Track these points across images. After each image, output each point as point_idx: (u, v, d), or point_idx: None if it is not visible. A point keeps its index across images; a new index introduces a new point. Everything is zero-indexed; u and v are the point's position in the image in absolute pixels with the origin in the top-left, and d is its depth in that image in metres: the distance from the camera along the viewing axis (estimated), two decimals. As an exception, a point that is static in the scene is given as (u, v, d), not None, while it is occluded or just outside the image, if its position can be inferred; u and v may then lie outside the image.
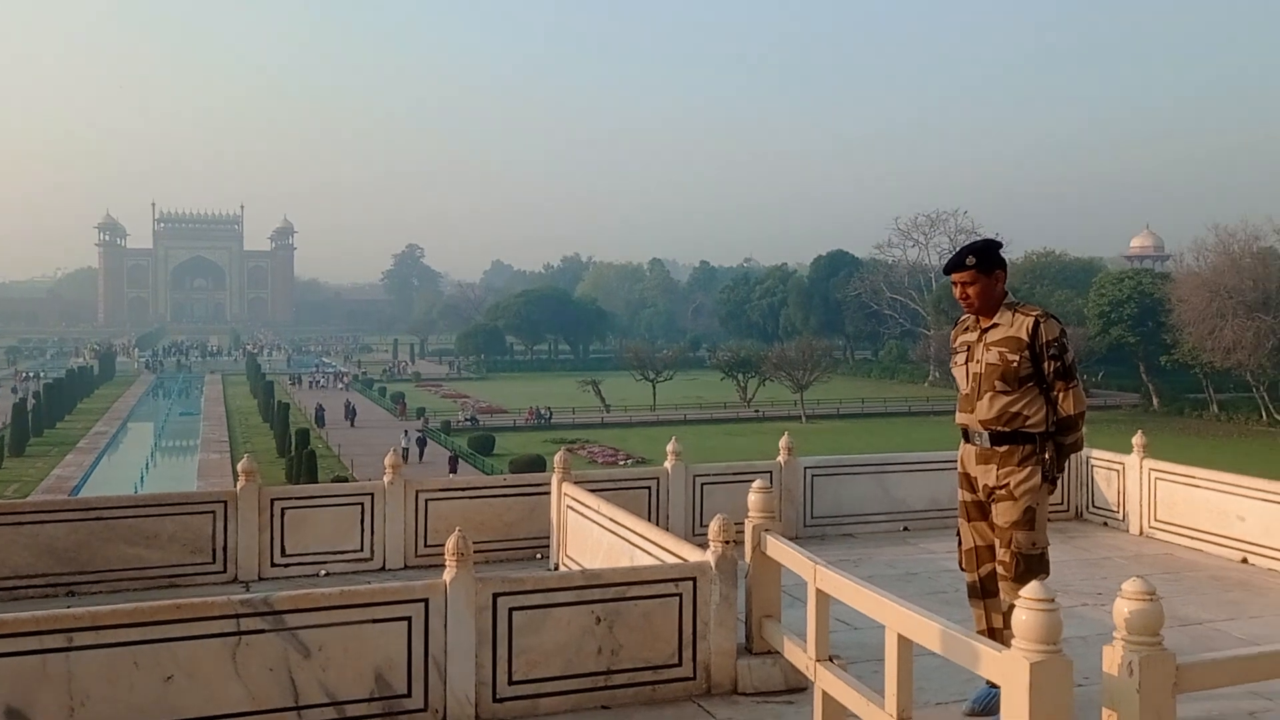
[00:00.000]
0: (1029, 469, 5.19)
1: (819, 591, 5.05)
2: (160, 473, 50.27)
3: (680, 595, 5.68)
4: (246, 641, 5.02)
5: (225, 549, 8.48)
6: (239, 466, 8.78)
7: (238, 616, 5.04)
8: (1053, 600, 3.59)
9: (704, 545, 5.86)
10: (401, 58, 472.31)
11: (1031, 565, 5.15)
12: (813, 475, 10.00)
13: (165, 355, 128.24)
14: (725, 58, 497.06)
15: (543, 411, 69.93)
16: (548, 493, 8.92)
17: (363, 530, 8.85)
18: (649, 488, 9.42)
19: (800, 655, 5.27)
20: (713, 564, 5.71)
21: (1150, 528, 9.95)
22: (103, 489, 40.56)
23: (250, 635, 5.03)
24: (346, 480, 37.03)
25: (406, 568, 8.81)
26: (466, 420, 68.07)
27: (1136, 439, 10.20)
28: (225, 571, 8.47)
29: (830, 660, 5.03)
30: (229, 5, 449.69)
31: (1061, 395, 5.20)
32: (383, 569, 8.81)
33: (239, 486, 8.58)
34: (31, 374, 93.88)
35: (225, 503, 8.53)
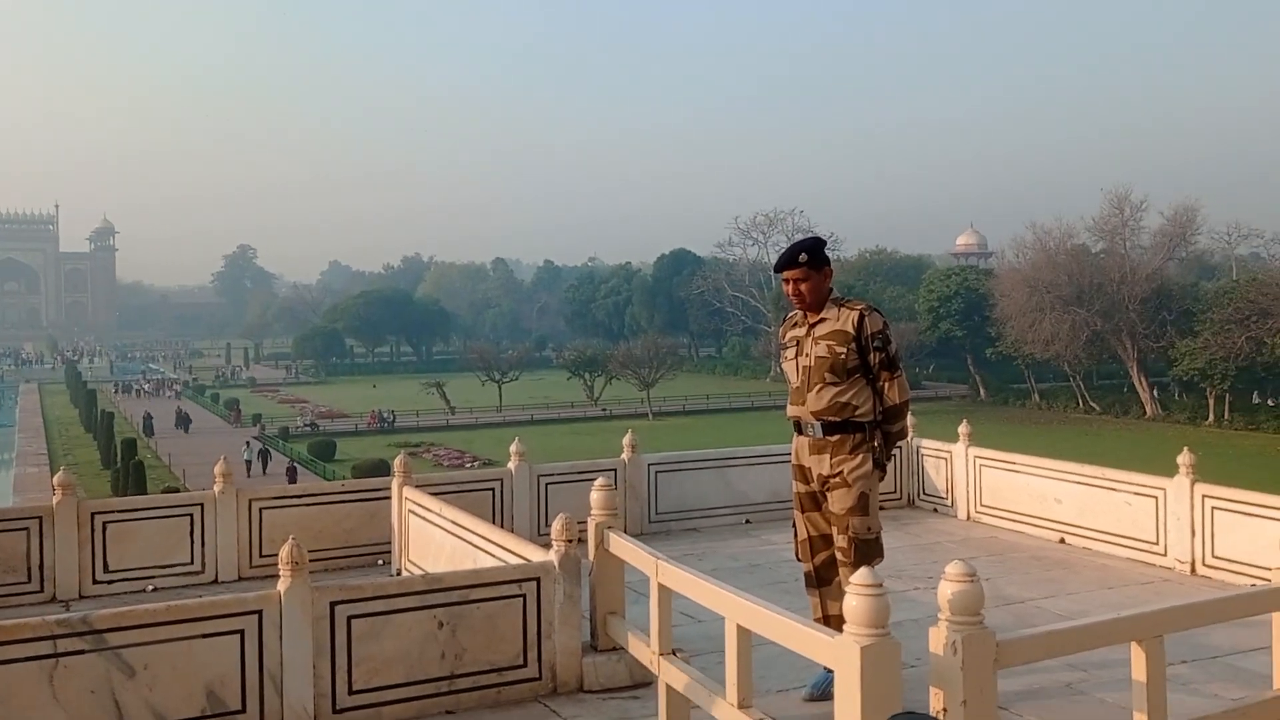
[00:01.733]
0: (861, 456, 5.39)
1: (661, 586, 5.12)
2: (-31, 489, 46.90)
3: (524, 596, 5.66)
4: (65, 664, 4.75)
5: (42, 567, 7.99)
6: (55, 480, 8.28)
7: (54, 638, 4.76)
8: (880, 585, 3.74)
9: (549, 545, 5.85)
10: (226, 41, 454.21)
11: (867, 549, 5.35)
12: (656, 471, 10.12)
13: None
14: (558, 55, 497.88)
15: (385, 415, 68.46)
16: (388, 497, 8.74)
17: (193, 542, 8.48)
18: (493, 489, 9.35)
19: (644, 650, 5.32)
20: (556, 563, 5.72)
21: (977, 512, 10.46)
22: (-97, 509, 37.49)
23: (69, 657, 4.77)
24: (178, 491, 35.39)
25: (241, 579, 8.49)
26: (305, 426, 66.06)
27: (962, 428, 10.72)
28: (43, 591, 7.97)
29: (674, 653, 5.10)
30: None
31: (887, 385, 5.42)
32: (215, 582, 8.45)
33: (56, 501, 8.09)
34: None
35: (41, 518, 8.03)
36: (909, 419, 5.71)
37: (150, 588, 8.23)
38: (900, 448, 10.43)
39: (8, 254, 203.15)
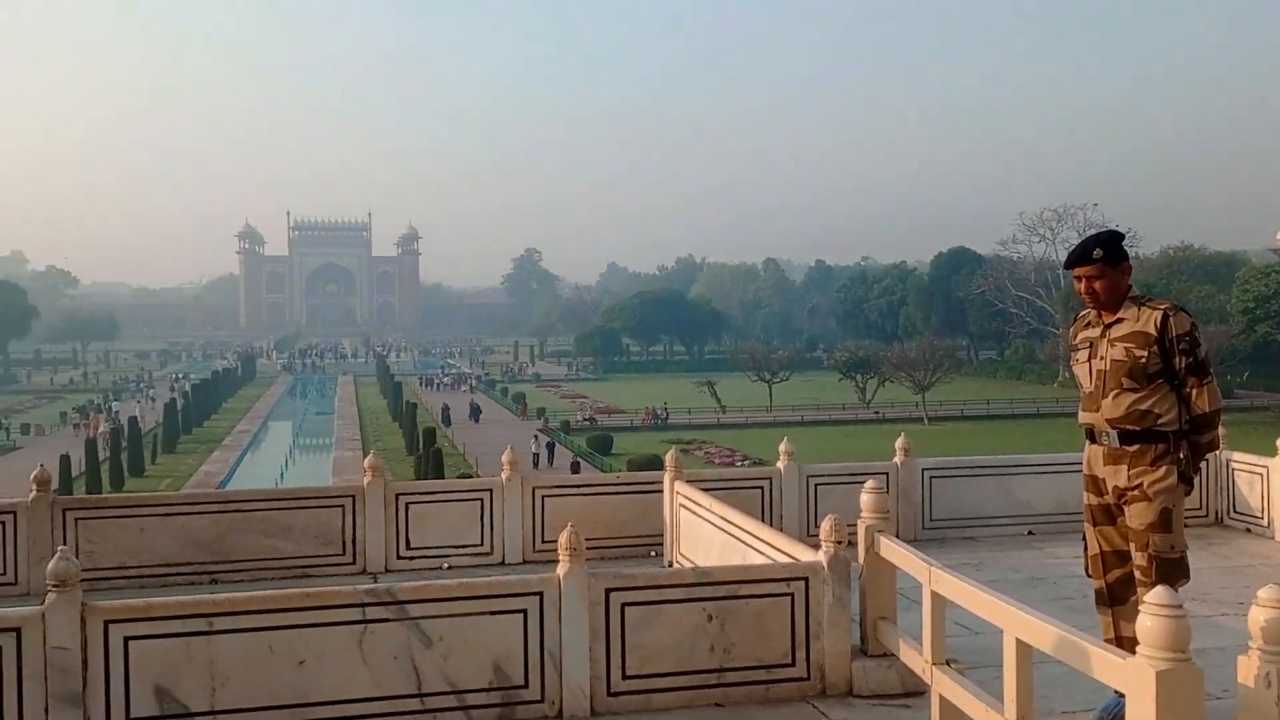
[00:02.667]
0: (1164, 469, 4.99)
1: (934, 594, 4.97)
2: (298, 469, 52.22)
3: (792, 595, 5.66)
4: (372, 630, 5.22)
5: (354, 541, 8.80)
6: (365, 463, 9.08)
7: (363, 605, 5.24)
8: (1180, 606, 3.46)
9: (817, 546, 5.83)
10: (518, 67, 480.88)
11: (1170, 569, 4.95)
12: (931, 477, 9.82)
13: (301, 357, 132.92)
14: (833, 50, 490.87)
15: (659, 412, 70.22)
16: (661, 491, 8.99)
17: (483, 525, 9.06)
18: (761, 487, 9.41)
19: (916, 658, 5.19)
20: (825, 564, 5.68)
21: (1298, 535, 9.45)
22: (247, 484, 42.37)
23: (375, 624, 5.23)
24: (471, 477, 37.87)
25: (525, 562, 8.99)
26: (585, 420, 68.90)
27: (1281, 441, 9.70)
28: (354, 563, 8.77)
29: (948, 664, 4.94)
30: (351, 12, 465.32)
31: (1195, 392, 4.98)
32: (502, 563, 9.00)
33: (366, 482, 8.88)
34: (180, 375, 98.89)
35: (353, 497, 8.85)
36: (1219, 429, 5.23)
37: (446, 565, 8.87)
38: (1208, 461, 9.58)
39: (329, 259, 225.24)
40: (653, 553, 9.10)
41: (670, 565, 8.54)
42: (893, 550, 5.55)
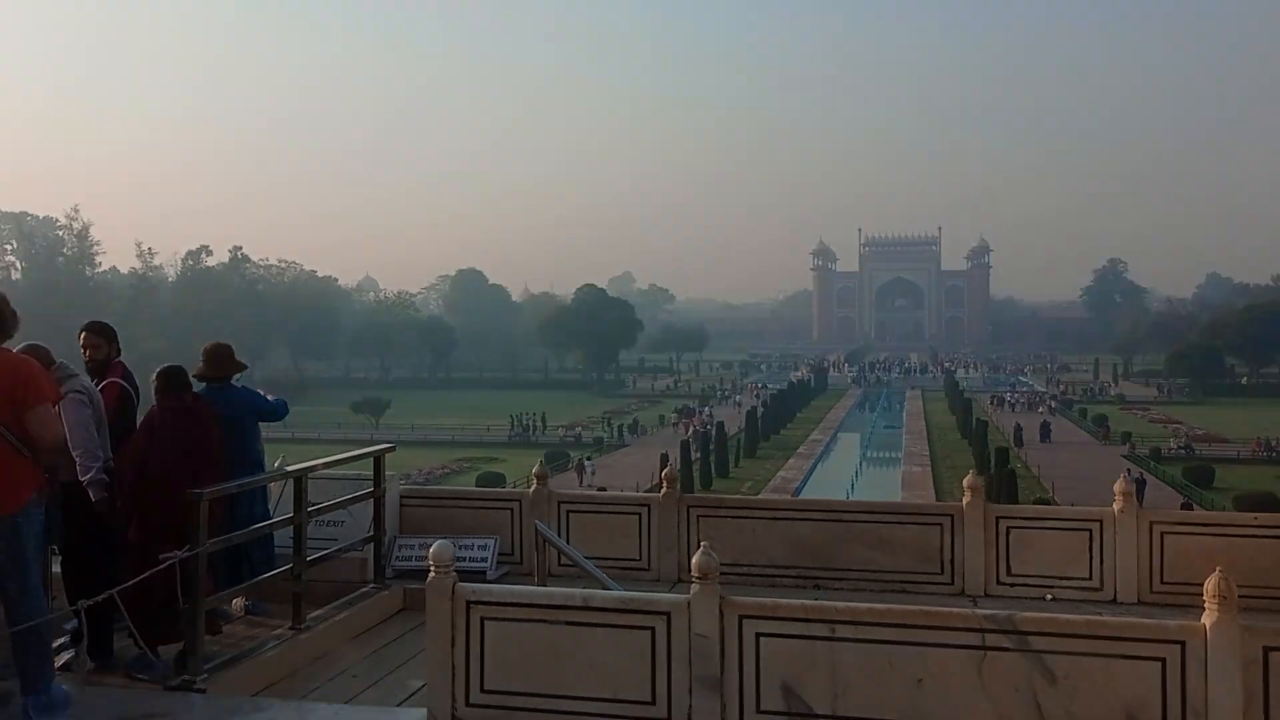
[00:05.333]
0: None
1: None
2: (867, 482, 53.22)
3: None
4: (991, 658, 5.08)
5: (952, 561, 8.69)
6: (965, 482, 8.92)
7: (982, 631, 5.12)
8: None
9: None
10: (1102, 64, 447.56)
11: None
12: None
13: (870, 371, 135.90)
14: None
15: (1274, 443, 61.05)
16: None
17: (1091, 558, 8.47)
18: None
19: None
20: None
21: None
22: (819, 492, 44.24)
23: (994, 652, 5.08)
24: (1048, 503, 35.96)
25: (1140, 603, 8.23)
26: (1179, 448, 62.08)
27: None
28: (953, 584, 8.66)
29: None
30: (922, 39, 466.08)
31: None
32: (1114, 601, 8.32)
33: (965, 501, 8.73)
34: (760, 385, 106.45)
35: (952, 516, 8.74)
36: None
37: (1049, 596, 8.41)
38: None
39: (897, 273, 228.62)
40: (1300, 609, 7.85)
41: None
42: None
